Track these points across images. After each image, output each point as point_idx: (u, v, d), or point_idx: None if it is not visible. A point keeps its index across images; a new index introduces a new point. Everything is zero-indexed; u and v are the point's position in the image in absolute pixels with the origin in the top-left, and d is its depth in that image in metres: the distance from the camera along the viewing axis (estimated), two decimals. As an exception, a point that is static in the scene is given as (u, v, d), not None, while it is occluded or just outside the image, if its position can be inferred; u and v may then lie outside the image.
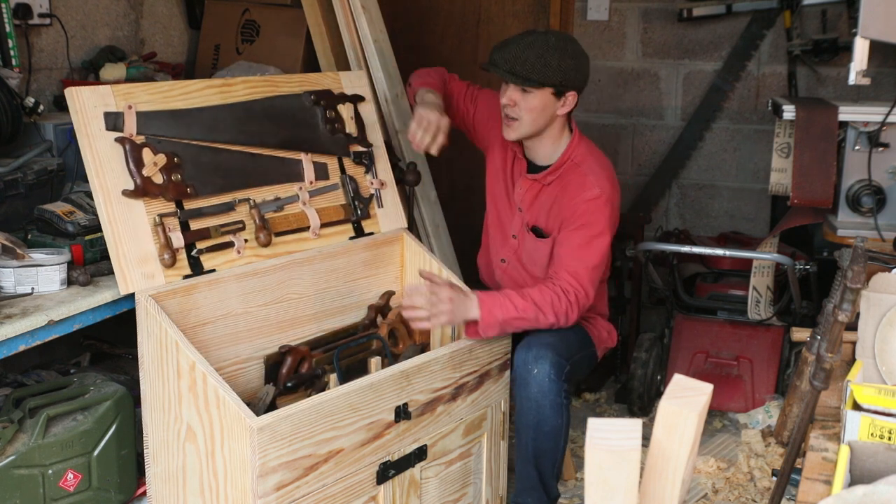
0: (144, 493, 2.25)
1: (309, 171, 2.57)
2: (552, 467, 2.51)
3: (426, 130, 2.57)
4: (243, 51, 3.67)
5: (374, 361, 2.47)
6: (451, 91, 2.84)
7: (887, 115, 2.78)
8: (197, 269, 2.25)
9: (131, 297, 2.13)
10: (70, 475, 2.12)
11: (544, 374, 2.41)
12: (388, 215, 2.76)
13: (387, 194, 2.76)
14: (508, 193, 2.74)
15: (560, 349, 2.46)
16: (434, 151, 2.62)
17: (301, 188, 2.54)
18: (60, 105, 3.03)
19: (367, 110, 2.76)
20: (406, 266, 2.78)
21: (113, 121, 2.17)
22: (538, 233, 2.66)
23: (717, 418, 3.48)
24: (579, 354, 2.58)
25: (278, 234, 2.44)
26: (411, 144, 2.65)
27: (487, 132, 2.80)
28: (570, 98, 2.56)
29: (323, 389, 2.31)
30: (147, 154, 2.21)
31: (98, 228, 2.20)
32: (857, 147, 2.88)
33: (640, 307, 3.90)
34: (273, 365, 2.41)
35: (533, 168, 2.68)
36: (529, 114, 2.54)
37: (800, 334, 2.34)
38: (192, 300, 2.21)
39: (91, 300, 2.12)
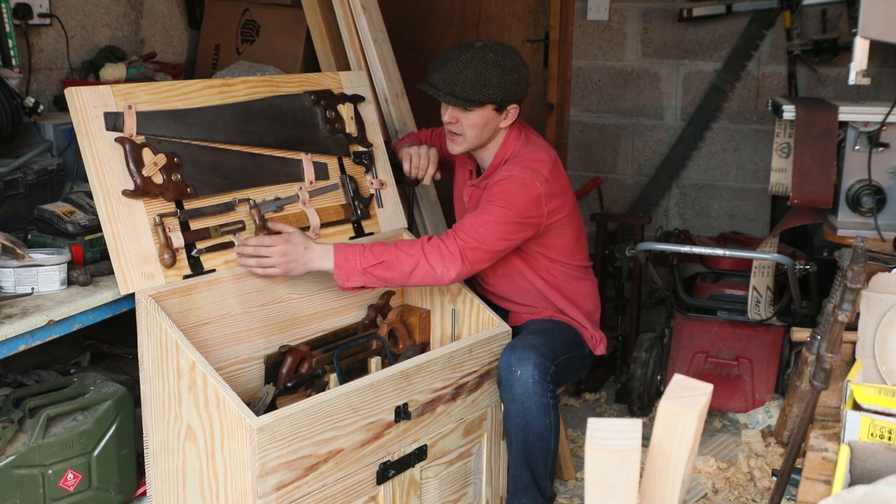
0: (144, 493, 2.25)
1: (309, 171, 2.57)
2: (544, 467, 2.50)
3: (416, 165, 2.73)
4: (243, 51, 3.67)
5: (374, 361, 2.47)
6: (423, 140, 2.94)
7: (887, 115, 2.78)
8: (197, 269, 2.25)
9: (131, 297, 2.14)
10: (70, 475, 2.12)
11: (528, 376, 2.40)
12: (388, 215, 2.76)
13: (387, 194, 2.76)
14: (464, 204, 2.77)
15: (544, 351, 2.45)
16: (427, 181, 2.76)
17: (301, 188, 2.54)
18: (60, 105, 3.04)
19: (367, 110, 2.77)
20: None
21: (113, 121, 2.17)
22: None
23: (717, 418, 3.48)
24: (567, 356, 2.57)
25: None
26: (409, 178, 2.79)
27: (452, 158, 2.85)
28: (512, 111, 2.57)
29: (323, 389, 2.31)
30: (147, 154, 2.21)
31: (98, 228, 2.20)
32: (857, 147, 2.88)
33: (640, 307, 3.90)
34: (273, 365, 2.41)
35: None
36: (472, 130, 2.55)
37: (800, 334, 2.34)
38: (191, 300, 2.21)
39: (91, 300, 2.12)
